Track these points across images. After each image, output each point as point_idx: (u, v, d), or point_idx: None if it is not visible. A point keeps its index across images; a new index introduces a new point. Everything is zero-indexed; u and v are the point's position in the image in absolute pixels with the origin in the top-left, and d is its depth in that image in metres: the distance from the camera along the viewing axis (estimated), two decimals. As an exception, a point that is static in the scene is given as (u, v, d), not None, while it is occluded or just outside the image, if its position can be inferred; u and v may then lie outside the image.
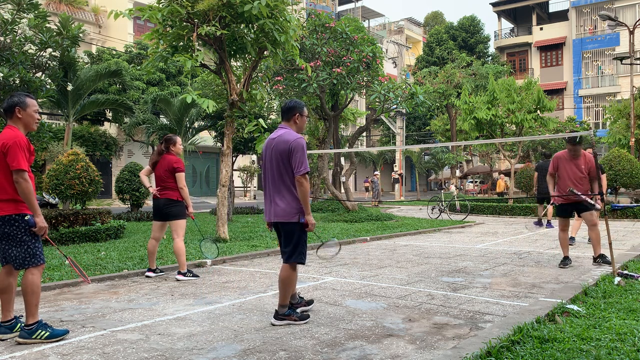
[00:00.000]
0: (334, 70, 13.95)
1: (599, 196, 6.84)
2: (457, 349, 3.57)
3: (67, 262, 5.50)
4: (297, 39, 9.28)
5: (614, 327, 3.97)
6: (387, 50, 38.30)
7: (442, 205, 17.25)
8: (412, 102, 15.14)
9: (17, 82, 9.42)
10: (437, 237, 11.54)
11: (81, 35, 11.18)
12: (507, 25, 47.11)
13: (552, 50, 42.17)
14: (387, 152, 40.43)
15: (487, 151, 33.83)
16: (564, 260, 7.13)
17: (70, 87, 14.44)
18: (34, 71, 10.73)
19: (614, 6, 38.52)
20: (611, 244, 6.29)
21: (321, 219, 15.17)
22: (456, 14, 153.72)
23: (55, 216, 9.32)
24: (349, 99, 16.64)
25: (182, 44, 9.08)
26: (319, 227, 12.15)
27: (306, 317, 4.50)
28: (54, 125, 22.01)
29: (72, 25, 10.86)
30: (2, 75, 8.97)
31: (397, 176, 34.35)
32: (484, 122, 19.86)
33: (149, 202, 15.85)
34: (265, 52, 9.56)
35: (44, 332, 3.98)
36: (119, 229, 10.32)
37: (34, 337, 3.95)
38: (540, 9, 44.28)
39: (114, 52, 24.89)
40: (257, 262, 7.89)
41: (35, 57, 10.51)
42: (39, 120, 4.22)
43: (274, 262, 7.87)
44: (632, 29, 21.21)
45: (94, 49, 25.66)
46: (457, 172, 37.65)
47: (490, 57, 41.20)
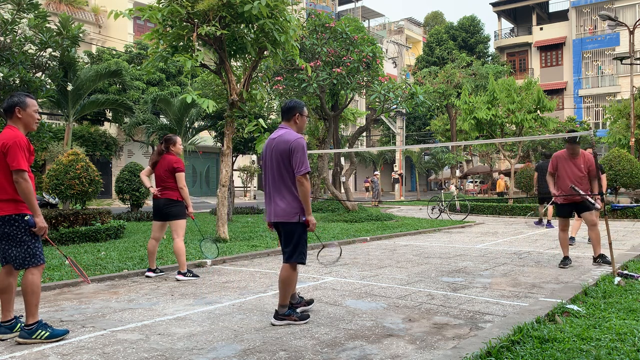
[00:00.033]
0: (334, 70, 13.95)
1: (599, 196, 6.84)
2: (457, 349, 3.58)
3: (67, 262, 5.50)
4: (297, 39, 9.29)
5: (614, 327, 3.97)
6: (387, 50, 38.30)
7: (442, 205, 17.25)
8: (412, 102, 15.14)
9: (17, 82, 9.42)
10: (437, 237, 11.54)
11: (81, 35, 11.18)
12: (507, 25, 47.16)
13: (552, 50, 42.17)
14: (387, 152, 40.43)
15: (487, 151, 33.82)
16: (564, 260, 7.13)
17: (70, 87, 14.45)
18: (34, 71, 10.73)
19: (614, 6, 38.51)
20: (611, 244, 6.29)
21: (321, 219, 15.16)
22: (456, 14, 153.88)
23: (55, 216, 9.32)
24: (349, 99, 16.64)
25: (182, 44, 9.08)
26: (319, 227, 12.15)
27: (306, 317, 4.50)
28: (54, 125, 22.02)
29: (72, 25, 10.87)
30: (2, 75, 8.97)
31: (397, 176, 34.34)
32: (484, 122, 19.86)
33: (149, 202, 15.84)
34: (265, 52, 9.56)
35: (44, 332, 3.98)
36: (119, 229, 10.32)
37: (34, 337, 3.95)
38: (540, 9, 44.27)
39: (114, 52, 24.89)
40: (257, 262, 7.89)
41: (35, 57, 10.51)
42: (39, 120, 4.22)
43: (274, 262, 7.87)
44: (632, 29, 21.20)
45: (94, 49, 25.66)
46: (457, 172, 37.64)
47: (490, 57, 41.19)
